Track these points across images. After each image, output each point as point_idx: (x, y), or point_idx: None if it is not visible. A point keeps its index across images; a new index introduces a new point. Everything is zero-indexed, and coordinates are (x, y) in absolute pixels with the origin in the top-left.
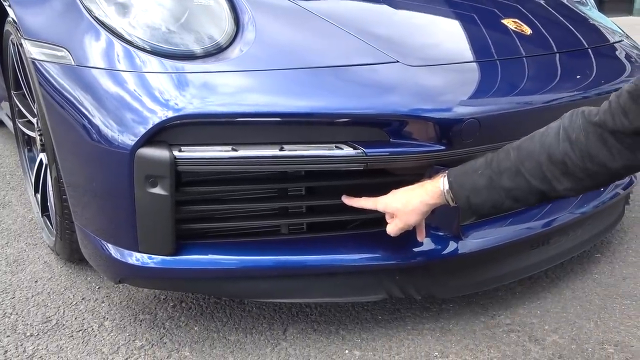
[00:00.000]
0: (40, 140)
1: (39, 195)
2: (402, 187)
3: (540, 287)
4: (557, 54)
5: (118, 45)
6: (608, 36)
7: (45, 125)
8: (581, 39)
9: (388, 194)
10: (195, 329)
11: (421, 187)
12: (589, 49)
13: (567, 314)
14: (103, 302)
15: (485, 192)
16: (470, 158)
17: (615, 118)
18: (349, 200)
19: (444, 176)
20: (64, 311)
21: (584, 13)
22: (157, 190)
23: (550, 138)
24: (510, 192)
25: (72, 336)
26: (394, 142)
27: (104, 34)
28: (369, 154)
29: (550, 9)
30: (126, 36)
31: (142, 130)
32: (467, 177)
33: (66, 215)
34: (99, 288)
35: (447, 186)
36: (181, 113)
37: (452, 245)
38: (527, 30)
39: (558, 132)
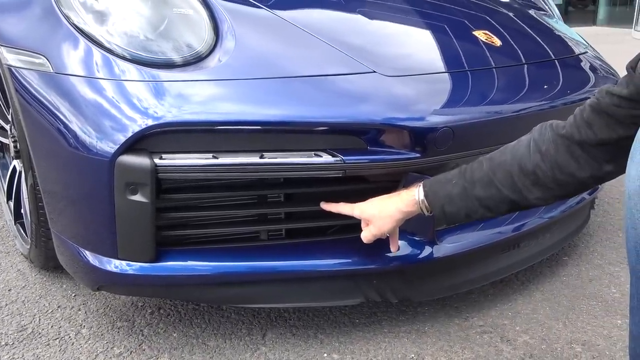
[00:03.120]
0: (15, 147)
1: (11, 203)
2: (379, 194)
3: (511, 290)
4: (526, 65)
5: (97, 53)
6: (573, 48)
7: (22, 132)
8: (548, 50)
9: (365, 201)
10: (174, 335)
11: (397, 195)
12: (556, 60)
13: (537, 315)
14: (80, 309)
15: (459, 201)
16: (444, 165)
17: (580, 130)
18: (327, 206)
19: (420, 186)
20: (39, 319)
21: (550, 25)
22: (138, 197)
23: (521, 150)
24: (483, 201)
25: (48, 344)
26: (371, 149)
27: (82, 41)
28: (347, 161)
29: (519, 21)
30: (105, 44)
31: (122, 138)
32: (442, 186)
33: (42, 222)
34: (75, 296)
35: (422, 195)
36: (161, 121)
37: (427, 250)
38: (497, 42)
39: (529, 144)
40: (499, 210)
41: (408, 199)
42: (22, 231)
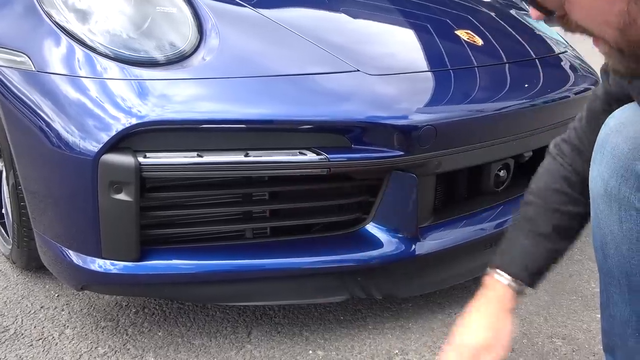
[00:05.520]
0: None
1: None
2: (363, 193)
3: None
4: (507, 64)
5: (79, 52)
6: (554, 47)
7: (3, 132)
8: (529, 49)
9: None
10: (159, 334)
11: (484, 303)
12: (536, 59)
13: (518, 310)
14: (63, 310)
15: (535, 249)
16: (427, 163)
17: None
18: None
19: (494, 275)
20: (22, 320)
21: (531, 25)
22: (122, 196)
23: (552, 166)
24: (556, 229)
25: (31, 345)
26: (355, 148)
27: (65, 39)
28: (331, 159)
29: (500, 21)
30: (88, 42)
31: (105, 137)
32: (509, 250)
33: (24, 222)
34: (58, 296)
35: (506, 279)
36: (145, 120)
37: (411, 247)
38: (479, 41)
39: (554, 159)
40: (575, 227)
41: (504, 297)
42: (3, 231)
